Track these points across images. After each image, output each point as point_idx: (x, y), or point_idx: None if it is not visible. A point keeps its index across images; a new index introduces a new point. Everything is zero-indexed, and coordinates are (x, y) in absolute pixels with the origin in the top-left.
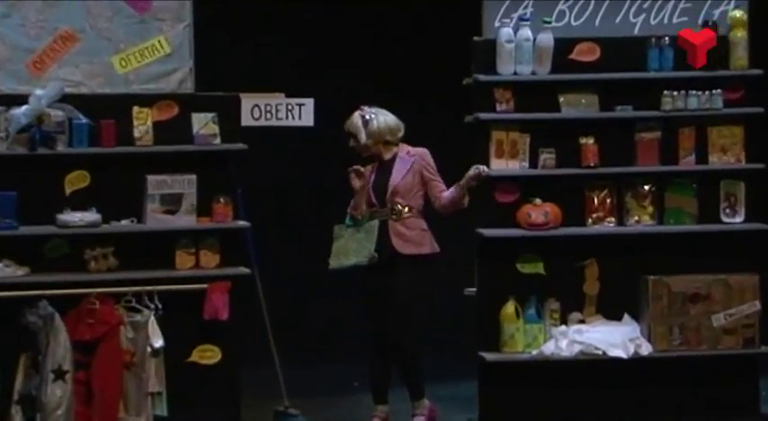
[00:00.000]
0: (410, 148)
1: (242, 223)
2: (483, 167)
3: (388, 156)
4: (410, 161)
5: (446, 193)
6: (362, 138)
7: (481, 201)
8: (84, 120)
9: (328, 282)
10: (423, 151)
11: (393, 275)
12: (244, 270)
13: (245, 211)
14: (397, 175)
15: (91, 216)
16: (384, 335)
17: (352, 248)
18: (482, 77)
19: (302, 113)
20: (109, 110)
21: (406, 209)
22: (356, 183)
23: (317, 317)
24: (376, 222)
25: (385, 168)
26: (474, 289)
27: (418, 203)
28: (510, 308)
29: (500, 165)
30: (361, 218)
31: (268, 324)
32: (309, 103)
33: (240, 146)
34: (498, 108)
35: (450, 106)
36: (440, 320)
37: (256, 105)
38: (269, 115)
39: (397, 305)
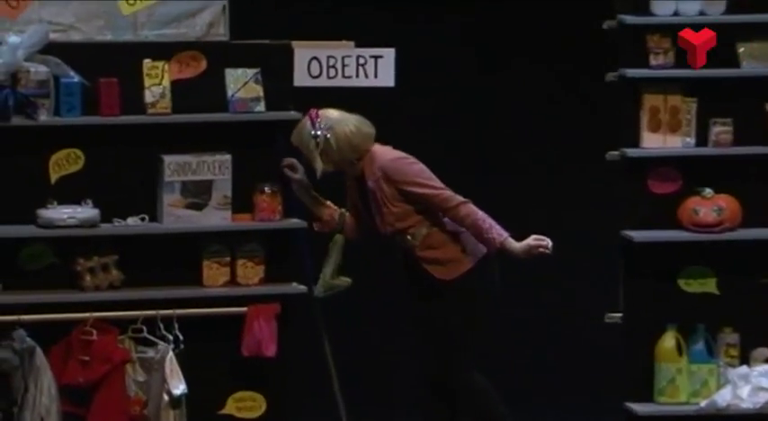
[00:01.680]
0: (372, 161)
1: (295, 221)
2: (547, 242)
3: (357, 173)
4: (379, 188)
5: (469, 221)
6: (318, 166)
7: (629, 191)
8: (77, 79)
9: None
10: (378, 167)
11: (435, 301)
12: (298, 287)
13: (300, 206)
14: (377, 209)
15: (85, 212)
16: (430, 376)
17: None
18: (630, 19)
19: (379, 69)
20: (111, 64)
21: (424, 229)
22: (294, 182)
23: (398, 353)
24: (338, 237)
25: (365, 192)
26: (618, 314)
27: (430, 215)
28: (669, 341)
29: (655, 142)
30: (331, 230)
31: (331, 363)
32: (389, 55)
33: (293, 114)
34: (653, 62)
35: (584, 60)
36: (568, 358)
37: (315, 58)
38: (333, 72)
39: (439, 337)
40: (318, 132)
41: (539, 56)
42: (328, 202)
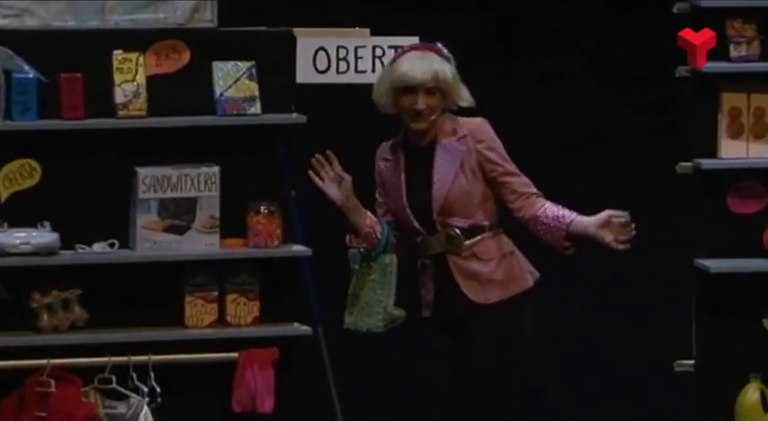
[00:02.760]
0: (456, 122)
1: (298, 248)
2: (626, 214)
3: (425, 138)
4: (459, 151)
5: (543, 209)
6: (461, 97)
7: (704, 211)
8: (32, 75)
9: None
10: (474, 125)
11: (470, 332)
12: (300, 328)
13: (303, 229)
14: (443, 179)
15: (42, 237)
16: None
17: (365, 299)
18: (705, 1)
19: None
20: (74, 57)
21: (474, 232)
22: (333, 191)
23: (422, 406)
24: (392, 258)
25: (420, 163)
26: (691, 361)
27: (489, 214)
28: (753, 394)
29: (736, 151)
30: (371, 249)
31: (340, 418)
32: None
33: (296, 117)
34: (734, 53)
35: (649, 51)
36: (629, 414)
37: (322, 49)
38: (343, 65)
39: (478, 378)
40: (450, 57)
41: (591, 46)
42: (368, 212)
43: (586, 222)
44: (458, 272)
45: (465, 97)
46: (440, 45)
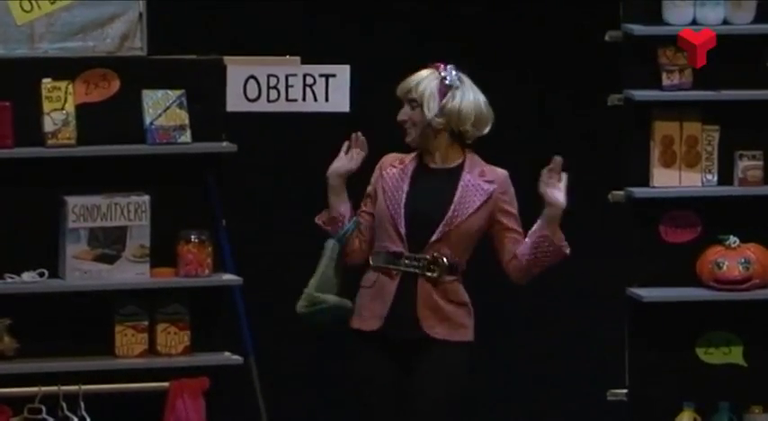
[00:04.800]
0: (484, 165)
1: (229, 277)
2: (557, 158)
3: (446, 162)
4: (488, 190)
5: (523, 246)
6: (429, 109)
7: (636, 240)
8: None
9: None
10: (503, 175)
11: (420, 360)
12: (231, 358)
13: (234, 258)
14: (464, 208)
15: None
16: None
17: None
18: (638, 29)
19: (331, 91)
20: (2, 85)
21: (452, 270)
22: (340, 162)
23: None
24: (334, 245)
25: (431, 183)
26: (623, 390)
27: (465, 261)
28: None
29: (668, 180)
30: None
31: None
32: (344, 73)
33: (226, 146)
34: (666, 82)
35: (582, 78)
36: None
37: (252, 77)
38: (274, 93)
39: (427, 410)
40: (447, 77)
41: (525, 73)
42: (348, 203)
43: (550, 208)
44: (422, 297)
45: (435, 114)
46: (449, 66)
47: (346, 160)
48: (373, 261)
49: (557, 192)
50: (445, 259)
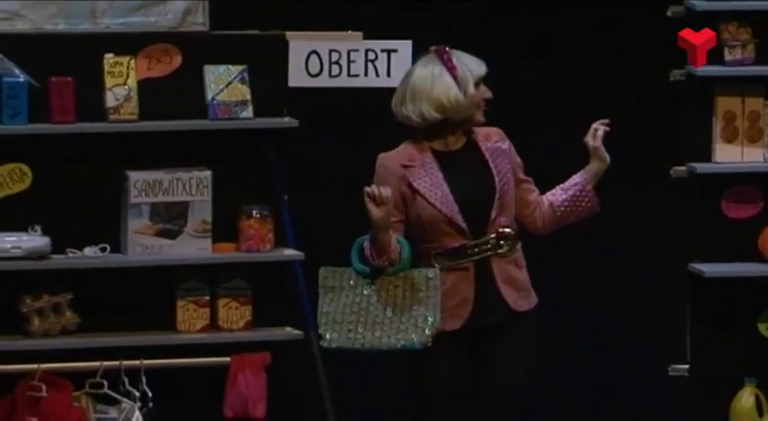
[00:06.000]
0: (482, 129)
1: (290, 252)
2: (602, 124)
3: (459, 142)
4: (505, 148)
5: (559, 196)
6: (470, 90)
7: (698, 215)
8: (23, 78)
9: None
10: (500, 131)
11: (508, 339)
12: (293, 333)
13: (295, 233)
14: (503, 171)
15: (33, 241)
16: None
17: (380, 318)
18: (700, 4)
19: (393, 66)
20: (64, 61)
21: (517, 234)
22: (376, 211)
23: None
24: (436, 272)
25: (462, 163)
26: (685, 366)
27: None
28: (747, 399)
29: (730, 155)
30: (390, 265)
31: None
32: (405, 48)
33: (288, 121)
34: (729, 57)
35: (645, 53)
36: (625, 414)
37: (314, 52)
38: (336, 69)
39: (513, 383)
40: (453, 58)
41: (584, 49)
42: (392, 232)
43: (593, 164)
44: (500, 276)
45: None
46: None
47: (375, 207)
48: (438, 264)
49: (603, 148)
50: (510, 230)
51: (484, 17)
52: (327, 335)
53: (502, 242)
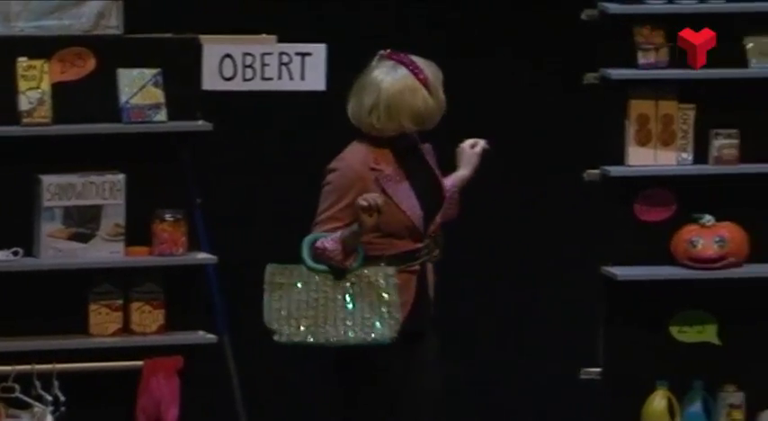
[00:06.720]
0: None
1: (203, 256)
2: (482, 142)
3: (406, 146)
4: (429, 148)
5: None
6: (441, 95)
7: (611, 218)
8: None
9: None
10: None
11: (427, 346)
12: (206, 336)
13: (208, 237)
14: (440, 179)
15: None
16: None
17: (342, 314)
18: (614, 8)
19: (307, 70)
20: None
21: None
22: (369, 220)
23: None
24: (394, 270)
25: (412, 168)
26: (597, 369)
27: None
28: (659, 402)
29: (643, 158)
30: (348, 267)
31: None
32: (320, 51)
33: (202, 124)
34: (642, 61)
35: (557, 56)
36: (536, 418)
37: (228, 56)
38: (250, 73)
39: (433, 397)
40: (419, 66)
41: (498, 52)
42: None
43: (463, 169)
44: (431, 283)
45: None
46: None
47: (375, 218)
48: (390, 265)
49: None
50: (439, 233)
51: (398, 20)
52: (284, 330)
53: (434, 246)
